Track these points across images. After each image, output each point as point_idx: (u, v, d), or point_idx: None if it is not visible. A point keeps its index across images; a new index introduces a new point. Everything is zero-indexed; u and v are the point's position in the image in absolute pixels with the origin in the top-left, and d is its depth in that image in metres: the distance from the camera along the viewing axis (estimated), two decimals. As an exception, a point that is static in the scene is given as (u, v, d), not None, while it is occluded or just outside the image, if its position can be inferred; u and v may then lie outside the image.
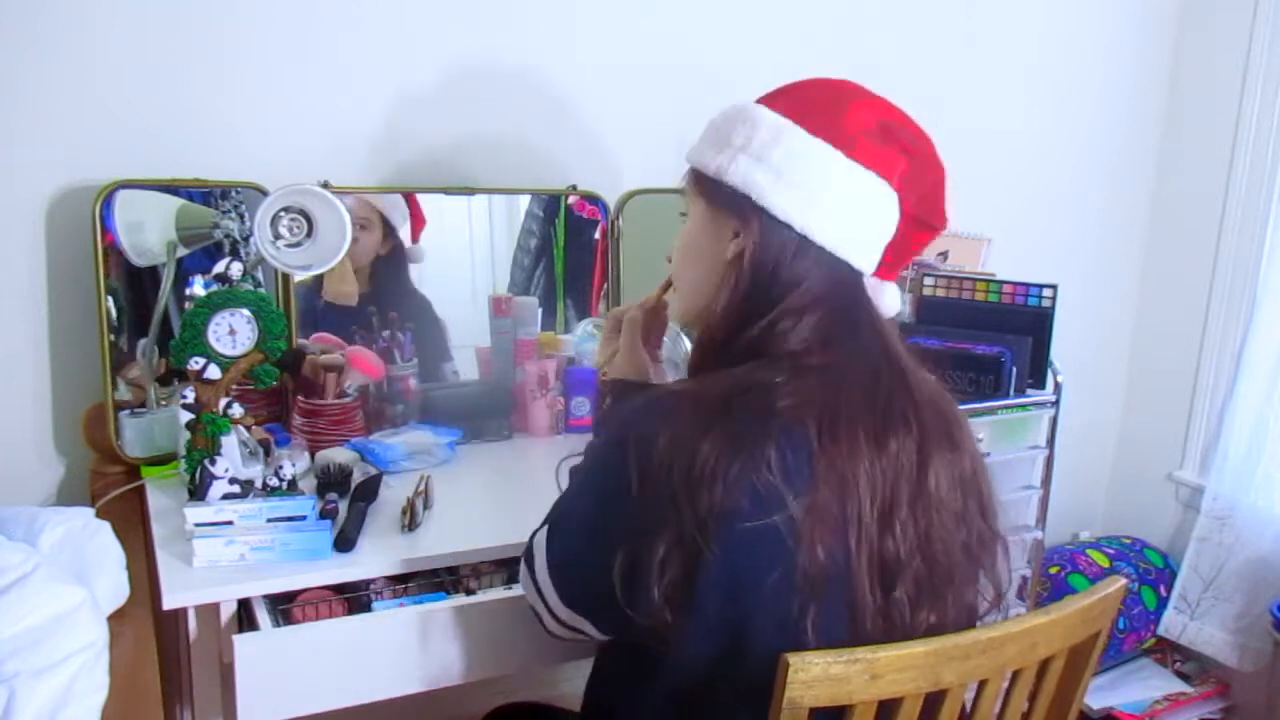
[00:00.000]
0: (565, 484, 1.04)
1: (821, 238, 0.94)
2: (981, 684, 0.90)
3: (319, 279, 1.63)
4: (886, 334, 0.98)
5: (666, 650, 0.89)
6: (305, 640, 1.15)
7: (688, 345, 1.86)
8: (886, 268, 1.02)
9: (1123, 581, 0.98)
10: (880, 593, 0.88)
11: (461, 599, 1.24)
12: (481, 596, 1.25)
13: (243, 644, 1.11)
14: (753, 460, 0.84)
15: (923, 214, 1.00)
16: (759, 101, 0.99)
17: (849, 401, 0.90)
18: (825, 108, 0.95)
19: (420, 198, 1.71)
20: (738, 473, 0.84)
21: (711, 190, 0.98)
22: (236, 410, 1.36)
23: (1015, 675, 0.93)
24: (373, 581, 1.26)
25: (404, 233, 1.71)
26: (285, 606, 1.21)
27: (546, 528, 1.01)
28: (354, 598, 1.24)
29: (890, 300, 1.03)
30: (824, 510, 0.85)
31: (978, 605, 0.98)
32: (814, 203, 0.93)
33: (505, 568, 1.30)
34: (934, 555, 0.91)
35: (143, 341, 1.52)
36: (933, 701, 0.87)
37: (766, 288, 0.94)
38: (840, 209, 0.94)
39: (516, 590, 1.23)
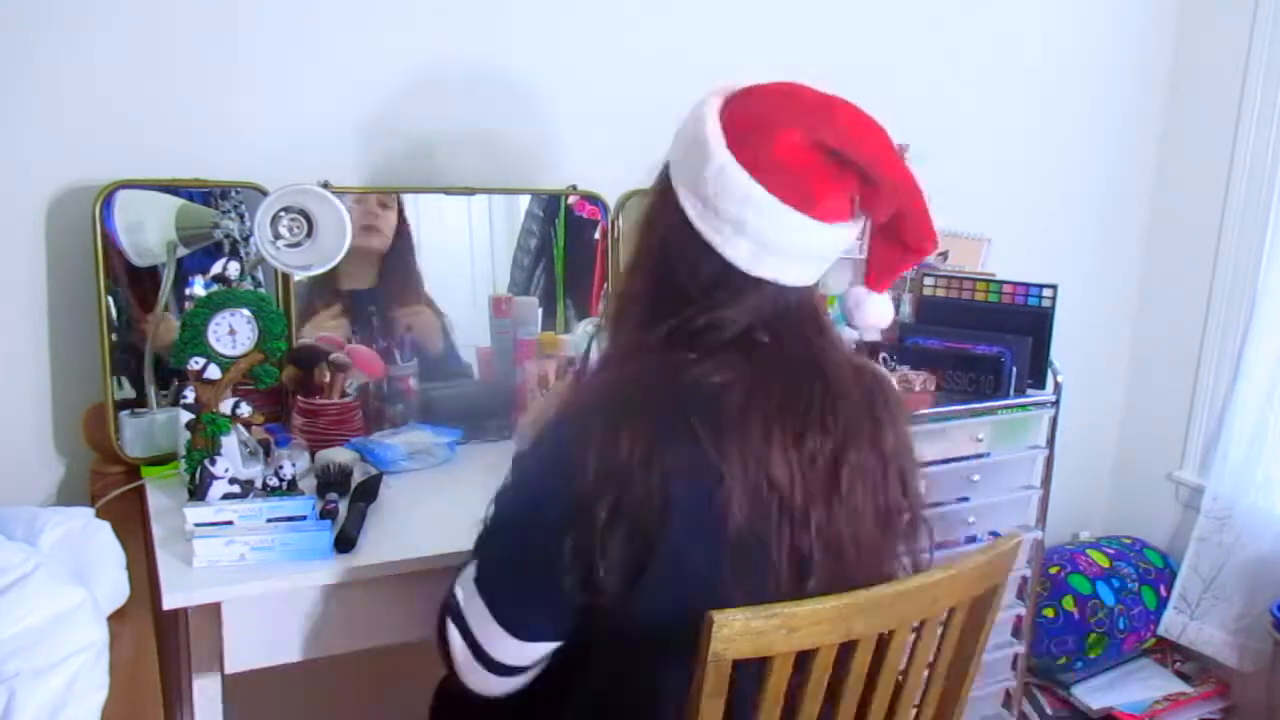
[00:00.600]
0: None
1: (745, 265, 0.94)
2: (890, 634, 0.96)
3: (329, 274, 1.62)
4: (816, 343, 0.99)
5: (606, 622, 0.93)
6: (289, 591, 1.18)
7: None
8: (874, 280, 1.03)
9: (1019, 538, 1.05)
10: (794, 581, 0.93)
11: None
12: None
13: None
14: (677, 432, 0.89)
15: (902, 236, 0.99)
16: (716, 96, 0.98)
17: (769, 401, 0.93)
18: (758, 133, 0.93)
19: (418, 197, 1.71)
20: (670, 458, 0.88)
21: (661, 183, 1.00)
22: (245, 409, 1.36)
23: (921, 626, 0.99)
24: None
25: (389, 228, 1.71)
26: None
27: (473, 566, 1.01)
28: (354, 598, 1.24)
29: (874, 311, 1.03)
30: (742, 480, 0.90)
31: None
32: (737, 235, 0.94)
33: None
34: (843, 554, 0.95)
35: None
36: (846, 652, 0.93)
37: (684, 286, 0.96)
38: (767, 242, 0.93)
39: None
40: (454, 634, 1.00)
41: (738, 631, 0.85)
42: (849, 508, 0.95)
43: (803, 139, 0.92)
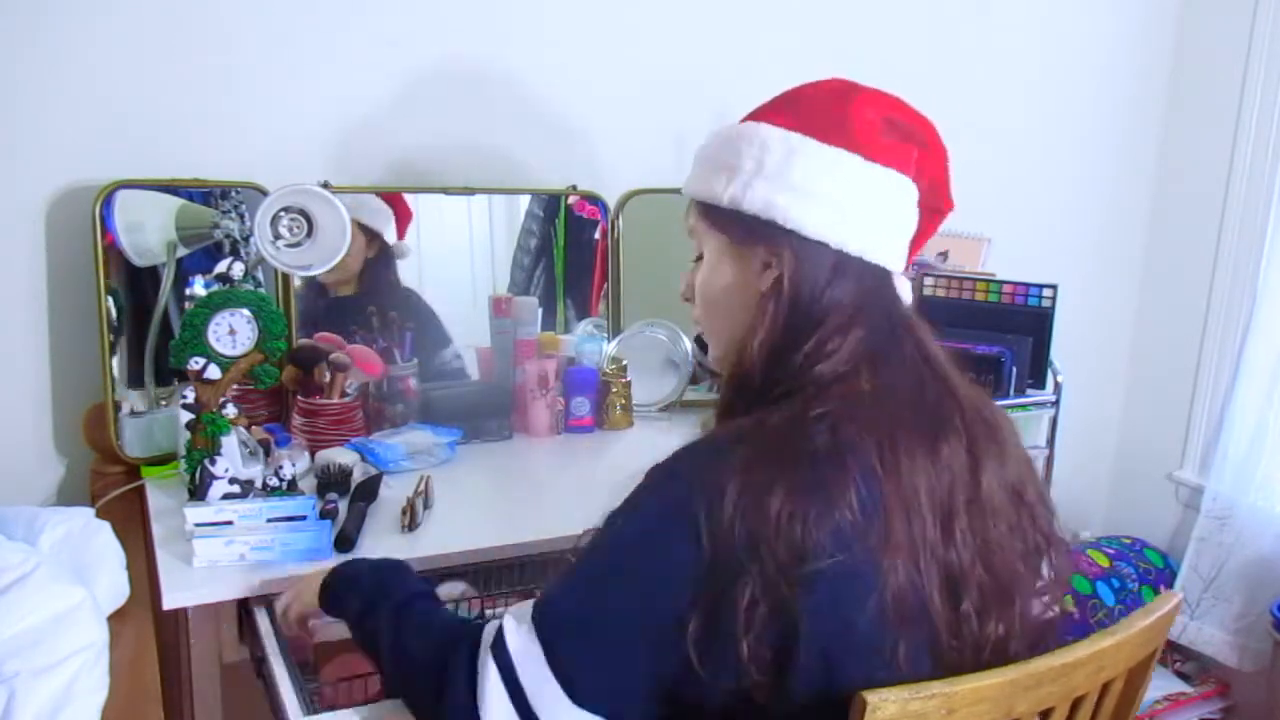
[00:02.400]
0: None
1: (857, 248, 0.90)
2: (1047, 711, 0.88)
3: (319, 279, 1.63)
4: (923, 338, 0.95)
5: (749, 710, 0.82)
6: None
7: (688, 344, 1.86)
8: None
9: (1178, 597, 0.96)
10: (949, 608, 0.85)
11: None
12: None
13: None
14: (830, 499, 0.80)
15: (932, 200, 0.97)
16: (753, 119, 0.94)
17: (900, 417, 0.87)
18: (829, 112, 0.92)
19: (418, 197, 1.71)
20: (817, 514, 0.79)
21: (728, 223, 0.93)
22: (230, 410, 1.36)
23: (1078, 700, 0.91)
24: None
25: (390, 232, 1.71)
26: (314, 684, 1.11)
27: (538, 600, 0.86)
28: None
29: (902, 291, 0.99)
30: (897, 535, 0.82)
31: (1043, 613, 0.96)
32: (845, 214, 0.89)
33: (506, 570, 1.30)
34: (993, 564, 0.88)
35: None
36: None
37: (808, 312, 0.90)
38: (870, 214, 0.90)
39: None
40: (491, 675, 0.82)
41: (893, 715, 0.76)
42: (990, 510, 0.88)
43: (869, 110, 0.92)
